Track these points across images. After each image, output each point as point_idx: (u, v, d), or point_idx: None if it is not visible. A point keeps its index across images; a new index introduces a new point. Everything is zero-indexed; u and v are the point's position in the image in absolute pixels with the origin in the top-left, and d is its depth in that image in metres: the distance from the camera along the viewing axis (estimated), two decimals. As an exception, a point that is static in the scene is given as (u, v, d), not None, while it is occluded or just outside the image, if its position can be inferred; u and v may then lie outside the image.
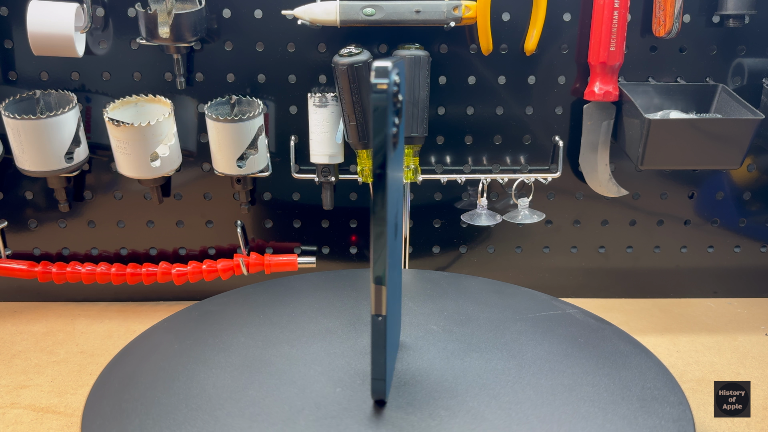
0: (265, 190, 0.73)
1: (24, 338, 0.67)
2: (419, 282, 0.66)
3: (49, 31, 0.62)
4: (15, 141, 0.64)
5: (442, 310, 0.59)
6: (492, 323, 0.57)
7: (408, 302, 0.61)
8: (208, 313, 0.59)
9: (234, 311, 0.60)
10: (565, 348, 0.53)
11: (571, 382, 0.48)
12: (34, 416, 0.54)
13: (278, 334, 0.55)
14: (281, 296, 0.63)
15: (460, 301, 0.61)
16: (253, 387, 0.47)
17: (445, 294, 0.63)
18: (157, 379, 0.49)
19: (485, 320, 0.57)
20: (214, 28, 0.68)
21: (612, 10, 0.65)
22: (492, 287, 0.65)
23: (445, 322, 0.57)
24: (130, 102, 0.68)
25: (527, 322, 0.57)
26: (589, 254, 0.77)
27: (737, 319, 0.73)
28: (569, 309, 0.60)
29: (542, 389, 0.47)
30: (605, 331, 0.56)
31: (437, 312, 0.59)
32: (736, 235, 0.76)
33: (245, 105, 0.69)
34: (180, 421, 0.43)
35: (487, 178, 0.71)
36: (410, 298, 0.62)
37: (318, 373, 0.49)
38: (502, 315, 0.59)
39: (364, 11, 0.64)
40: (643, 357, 0.52)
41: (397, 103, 0.40)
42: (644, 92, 0.69)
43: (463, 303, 0.61)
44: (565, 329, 0.56)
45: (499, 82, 0.70)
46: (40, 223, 0.73)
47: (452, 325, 0.56)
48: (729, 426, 0.53)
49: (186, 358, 0.51)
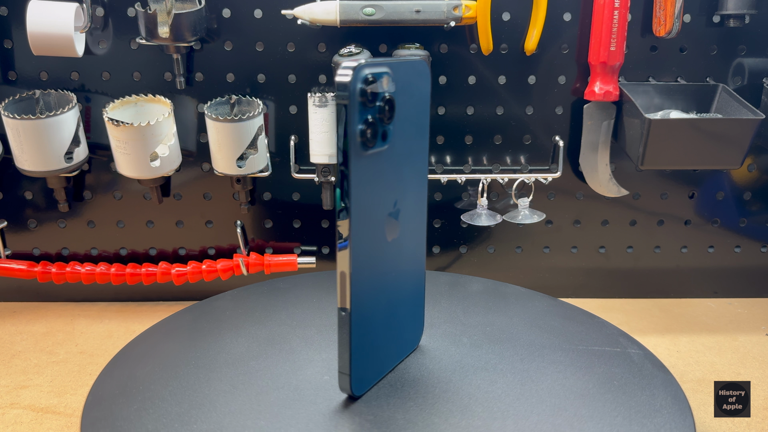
0: (265, 190, 0.73)
1: (23, 338, 0.67)
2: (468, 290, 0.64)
3: (49, 30, 0.62)
4: (14, 141, 0.64)
5: (487, 325, 0.57)
6: (526, 344, 0.53)
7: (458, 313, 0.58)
8: (208, 314, 0.59)
9: (234, 311, 0.60)
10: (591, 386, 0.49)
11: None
12: (33, 416, 0.54)
13: (278, 334, 0.55)
14: (281, 296, 0.62)
15: (499, 315, 0.59)
16: (252, 387, 0.47)
17: (489, 309, 0.60)
18: (157, 379, 0.48)
19: (524, 343, 0.54)
20: (213, 27, 0.68)
21: (612, 9, 0.65)
22: (555, 309, 0.60)
23: (486, 340, 0.54)
24: (129, 102, 0.68)
25: (573, 353, 0.53)
26: (590, 254, 0.77)
27: (738, 319, 0.73)
28: (632, 348, 0.54)
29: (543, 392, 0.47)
30: (654, 380, 0.50)
31: (482, 325, 0.56)
32: (737, 235, 0.76)
33: (245, 105, 0.69)
34: (180, 420, 0.43)
35: (487, 178, 0.71)
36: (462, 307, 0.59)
37: (317, 373, 0.49)
38: (549, 341, 0.54)
39: (364, 11, 0.64)
40: (676, 412, 0.46)
41: (380, 103, 0.40)
42: (644, 92, 0.69)
43: (503, 317, 0.58)
44: (607, 368, 0.51)
45: (499, 81, 0.70)
46: (39, 223, 0.73)
47: (485, 342, 0.54)
48: (729, 426, 0.53)
49: (185, 358, 0.51)
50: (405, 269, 0.48)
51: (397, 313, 0.48)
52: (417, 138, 0.46)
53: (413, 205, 0.47)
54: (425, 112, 0.46)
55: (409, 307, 0.50)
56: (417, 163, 0.46)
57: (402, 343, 0.50)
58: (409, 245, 0.47)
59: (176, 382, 0.48)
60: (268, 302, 0.61)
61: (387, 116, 0.41)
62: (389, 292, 0.46)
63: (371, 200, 0.42)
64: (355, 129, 0.39)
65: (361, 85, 0.39)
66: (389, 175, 0.43)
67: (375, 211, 0.43)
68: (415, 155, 0.46)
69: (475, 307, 0.60)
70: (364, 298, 0.43)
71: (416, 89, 0.45)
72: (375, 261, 0.44)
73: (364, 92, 0.39)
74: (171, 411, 0.45)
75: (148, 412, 0.44)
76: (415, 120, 0.45)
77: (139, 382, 0.48)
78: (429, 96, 0.47)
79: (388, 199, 0.44)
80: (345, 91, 0.38)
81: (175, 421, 0.43)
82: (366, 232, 0.42)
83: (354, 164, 0.39)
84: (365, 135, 0.40)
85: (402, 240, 0.46)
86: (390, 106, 0.41)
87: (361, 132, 0.39)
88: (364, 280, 0.43)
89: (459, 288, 0.65)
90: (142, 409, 0.45)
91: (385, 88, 0.41)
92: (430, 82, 0.46)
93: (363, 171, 0.40)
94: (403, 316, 0.49)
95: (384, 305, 0.46)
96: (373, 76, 0.40)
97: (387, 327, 0.47)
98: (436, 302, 0.61)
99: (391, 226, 0.45)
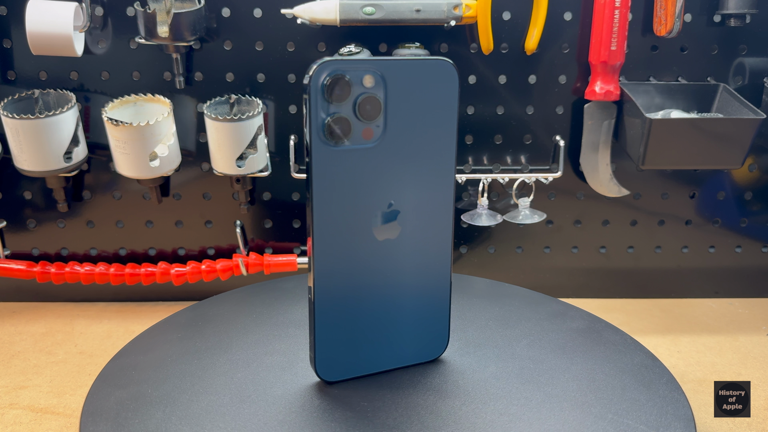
0: (265, 190, 0.73)
1: (23, 338, 0.67)
2: None
3: (48, 30, 0.62)
4: (13, 141, 0.64)
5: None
6: (527, 345, 0.53)
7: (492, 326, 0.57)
8: (207, 314, 0.59)
9: (233, 312, 0.59)
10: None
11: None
12: (33, 417, 0.54)
13: (278, 334, 0.55)
14: (281, 297, 0.62)
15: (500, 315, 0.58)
16: (252, 386, 0.47)
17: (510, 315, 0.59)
18: (156, 379, 0.48)
19: (524, 344, 0.53)
20: (213, 27, 0.67)
21: (613, 9, 0.65)
22: (555, 310, 0.60)
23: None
24: (129, 101, 0.68)
25: (572, 354, 0.52)
26: (590, 254, 0.76)
27: (738, 320, 0.73)
28: (632, 349, 0.53)
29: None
30: (655, 380, 0.49)
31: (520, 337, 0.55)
32: (738, 235, 0.76)
33: (244, 104, 0.68)
34: (180, 420, 0.43)
35: (487, 177, 0.71)
36: None
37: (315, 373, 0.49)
38: (549, 342, 0.54)
39: (364, 10, 0.64)
40: (676, 412, 0.45)
41: (357, 100, 0.42)
42: (645, 92, 0.69)
43: (504, 317, 0.58)
44: (608, 369, 0.50)
45: (499, 81, 0.70)
46: (38, 223, 0.73)
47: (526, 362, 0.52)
48: (729, 426, 0.53)
49: (185, 358, 0.51)
50: (410, 273, 0.47)
51: (395, 315, 0.47)
52: (430, 139, 0.45)
53: (425, 209, 0.46)
54: (448, 113, 0.44)
55: (419, 313, 0.48)
56: (432, 165, 0.45)
57: (404, 347, 0.49)
58: (417, 250, 0.47)
59: (176, 383, 0.48)
60: (268, 302, 0.61)
61: (368, 115, 0.42)
62: (381, 290, 0.46)
63: (346, 196, 0.43)
64: (317, 123, 0.41)
65: (324, 81, 0.41)
66: (379, 174, 0.44)
67: (354, 207, 0.44)
68: (428, 157, 0.45)
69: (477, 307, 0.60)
70: (334, 287, 0.45)
71: (428, 89, 0.43)
72: (353, 255, 0.45)
73: (326, 88, 0.41)
74: (171, 411, 0.44)
75: (148, 412, 0.44)
76: (427, 121, 0.44)
77: (138, 382, 0.48)
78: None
79: (377, 197, 0.44)
80: (308, 85, 0.41)
81: (175, 421, 0.43)
82: (337, 224, 0.43)
83: (316, 158, 0.42)
84: (331, 130, 0.42)
85: (403, 242, 0.46)
86: (373, 105, 0.42)
87: (325, 126, 0.41)
88: (336, 270, 0.44)
89: (460, 288, 0.65)
90: (141, 409, 0.45)
91: (367, 86, 0.42)
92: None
93: (331, 165, 0.42)
94: (405, 320, 0.48)
95: (372, 302, 0.46)
96: (342, 73, 0.41)
97: (375, 325, 0.47)
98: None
99: (384, 226, 0.45)
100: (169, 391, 0.47)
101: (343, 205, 0.43)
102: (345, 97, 0.42)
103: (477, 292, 0.64)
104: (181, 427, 0.43)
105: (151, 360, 0.51)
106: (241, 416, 0.44)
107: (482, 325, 0.56)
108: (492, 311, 0.59)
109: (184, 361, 0.51)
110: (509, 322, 0.57)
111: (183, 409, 0.45)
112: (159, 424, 0.43)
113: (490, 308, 0.60)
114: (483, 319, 0.57)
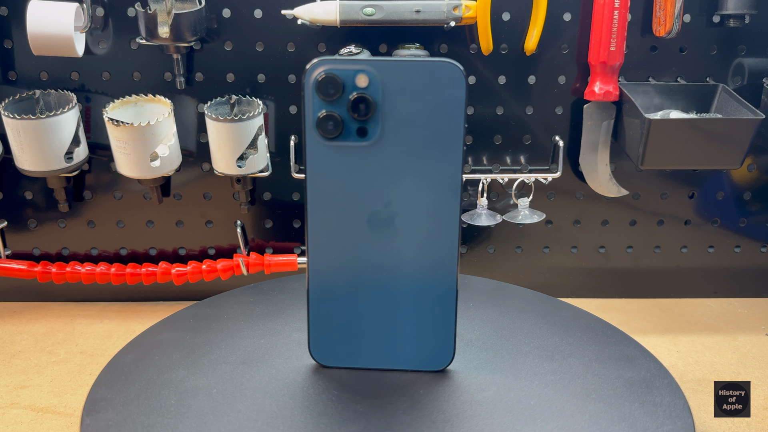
0: (265, 190, 0.73)
1: (23, 338, 0.67)
2: None
3: (49, 31, 0.62)
4: (14, 141, 0.64)
5: None
6: (527, 346, 0.53)
7: None
8: (208, 313, 0.59)
9: (234, 311, 0.60)
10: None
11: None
12: (33, 416, 0.54)
13: (278, 334, 0.55)
14: (281, 296, 0.62)
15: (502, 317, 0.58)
16: (252, 386, 0.47)
17: None
18: (157, 378, 0.49)
19: (524, 344, 0.54)
20: (213, 27, 0.68)
21: (612, 9, 0.65)
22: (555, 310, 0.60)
23: None
24: (129, 102, 0.68)
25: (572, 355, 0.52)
26: (590, 254, 0.77)
27: (737, 319, 0.73)
28: (632, 349, 0.54)
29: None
30: (654, 380, 0.50)
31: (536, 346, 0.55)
32: (737, 235, 0.76)
33: (245, 105, 0.69)
34: (180, 420, 0.43)
35: (487, 178, 0.71)
36: None
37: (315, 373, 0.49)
38: (548, 343, 0.54)
39: (364, 11, 0.64)
40: (675, 412, 0.46)
41: (350, 98, 0.43)
42: (644, 92, 0.69)
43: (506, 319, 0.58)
44: (607, 369, 0.50)
45: (499, 81, 0.70)
46: (39, 223, 0.73)
47: None
48: (729, 426, 0.53)
49: (185, 357, 0.51)
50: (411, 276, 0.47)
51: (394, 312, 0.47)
52: (435, 142, 0.44)
53: (428, 213, 0.46)
54: (452, 116, 0.44)
55: (421, 316, 0.48)
56: (437, 168, 0.45)
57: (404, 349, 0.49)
58: (420, 253, 0.46)
59: (176, 383, 0.48)
60: (268, 302, 0.61)
61: (362, 113, 0.43)
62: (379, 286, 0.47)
63: (340, 189, 0.45)
64: (311, 118, 0.44)
65: (318, 78, 0.43)
66: (376, 172, 0.44)
67: (347, 201, 0.45)
68: (432, 160, 0.45)
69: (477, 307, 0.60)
70: (328, 271, 0.47)
71: (429, 92, 0.43)
72: (347, 244, 0.46)
73: (319, 84, 0.43)
74: (171, 411, 0.45)
75: (149, 412, 0.44)
76: (429, 123, 0.44)
77: (138, 382, 0.48)
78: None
79: (372, 195, 0.45)
80: (303, 82, 0.43)
81: (176, 421, 0.44)
82: (330, 216, 0.46)
83: (310, 150, 0.45)
84: (322, 125, 0.44)
85: (403, 243, 0.46)
86: (366, 104, 0.43)
87: (318, 122, 0.44)
88: (329, 257, 0.47)
89: (460, 288, 0.65)
90: (142, 409, 0.45)
91: (361, 86, 0.43)
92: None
93: (323, 158, 0.45)
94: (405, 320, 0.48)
95: (368, 296, 0.47)
96: (335, 72, 0.43)
97: (373, 318, 0.48)
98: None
99: (380, 223, 0.45)
100: (169, 391, 0.47)
101: (337, 198, 0.46)
102: (338, 95, 0.43)
103: (477, 292, 0.64)
104: (181, 425, 0.43)
105: (151, 360, 0.51)
106: (241, 416, 0.44)
107: (482, 326, 0.56)
108: (492, 311, 0.59)
109: (184, 361, 0.51)
110: (509, 322, 0.57)
111: (183, 409, 0.45)
112: (159, 423, 0.43)
113: (490, 308, 0.60)
114: (483, 320, 0.58)
